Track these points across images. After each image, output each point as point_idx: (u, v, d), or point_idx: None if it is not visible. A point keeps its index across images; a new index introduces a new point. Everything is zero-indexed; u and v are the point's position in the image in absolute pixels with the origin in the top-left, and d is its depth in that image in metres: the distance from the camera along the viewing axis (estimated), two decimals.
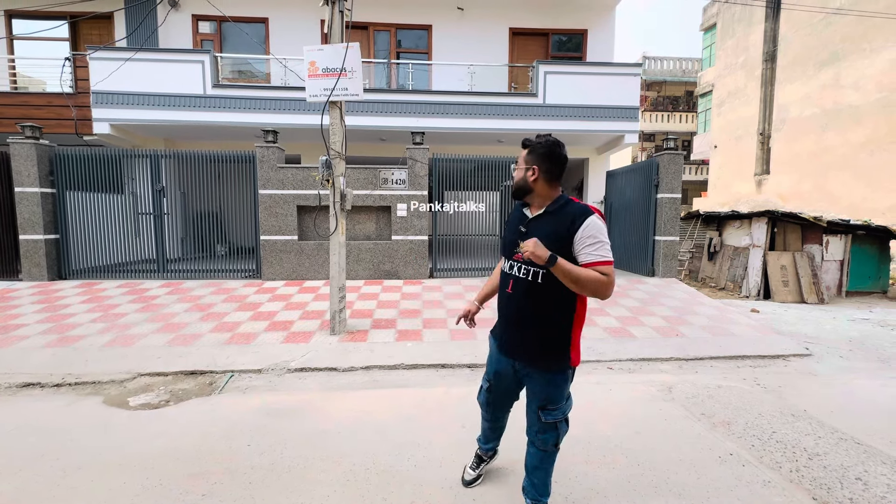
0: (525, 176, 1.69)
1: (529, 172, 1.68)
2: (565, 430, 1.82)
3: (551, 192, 1.70)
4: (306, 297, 6.06)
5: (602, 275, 1.52)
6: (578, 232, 1.56)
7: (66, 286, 6.43)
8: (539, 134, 1.74)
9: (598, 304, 5.92)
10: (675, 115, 24.31)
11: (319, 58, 4.49)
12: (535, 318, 1.70)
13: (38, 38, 8.78)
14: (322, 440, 2.68)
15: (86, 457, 2.50)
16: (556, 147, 1.68)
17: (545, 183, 1.68)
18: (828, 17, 12.45)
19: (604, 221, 1.61)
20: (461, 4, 9.08)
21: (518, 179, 1.73)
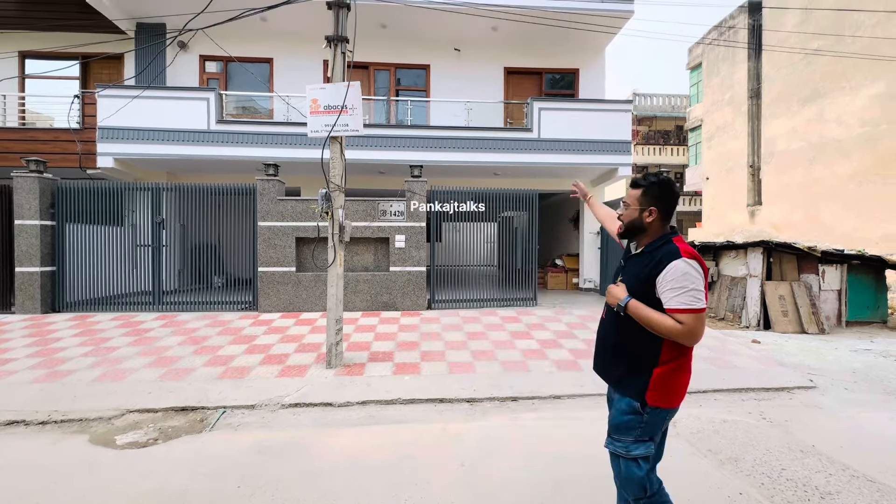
0: (640, 217, 1.66)
1: (646, 213, 1.65)
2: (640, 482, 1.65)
3: (662, 231, 1.67)
4: (302, 330, 5.98)
5: (677, 322, 1.48)
6: (660, 276, 1.54)
7: (59, 319, 6.34)
8: (647, 173, 1.71)
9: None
10: (667, 148, 24.98)
11: (321, 95, 4.65)
12: (617, 345, 1.72)
13: (50, 77, 9.09)
14: (315, 480, 2.58)
15: (68, 499, 2.39)
16: (672, 186, 1.66)
17: (661, 223, 1.66)
18: (807, 57, 13.05)
19: (696, 266, 1.52)
20: (458, 46, 9.50)
21: (631, 219, 1.70)
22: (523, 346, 5.43)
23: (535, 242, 7.69)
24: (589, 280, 9.97)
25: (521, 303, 7.62)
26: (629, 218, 1.71)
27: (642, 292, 1.59)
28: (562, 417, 3.59)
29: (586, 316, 6.89)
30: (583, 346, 5.44)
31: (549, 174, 9.50)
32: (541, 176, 9.64)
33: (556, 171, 9.22)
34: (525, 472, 2.65)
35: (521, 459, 2.81)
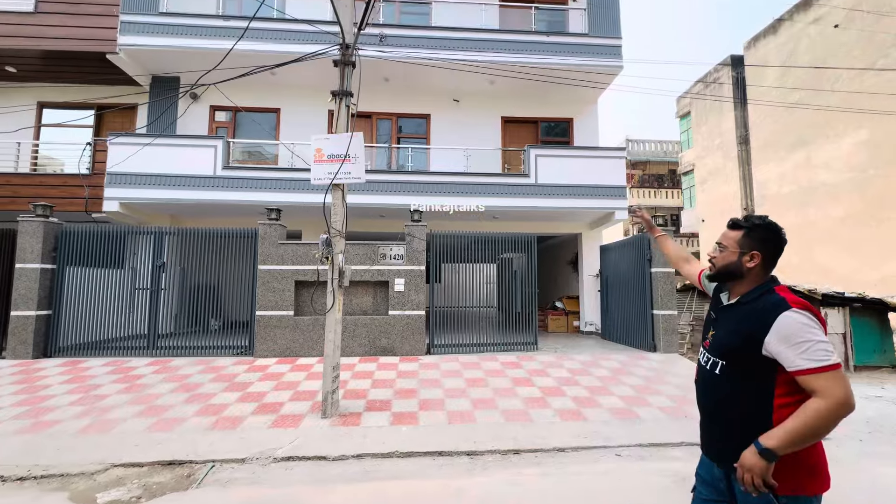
0: (739, 261, 1.48)
1: (747, 258, 1.47)
2: None
3: (763, 279, 1.48)
4: (298, 376, 5.84)
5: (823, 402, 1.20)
6: (770, 335, 1.30)
7: (50, 365, 6.20)
8: (750, 215, 1.61)
9: (601, 382, 5.73)
10: (662, 191, 25.55)
11: (325, 145, 4.83)
12: (719, 414, 1.48)
13: (65, 125, 9.45)
14: None
15: None
16: (781, 232, 1.49)
17: (762, 270, 1.48)
18: (791, 107, 13.68)
19: (811, 316, 1.30)
20: (457, 97, 9.98)
21: (727, 263, 1.52)
22: (525, 393, 5.28)
23: (534, 286, 7.68)
24: (590, 323, 9.86)
25: (521, 347, 7.49)
26: (725, 262, 1.52)
27: (743, 353, 1.37)
28: (565, 473, 3.43)
29: (588, 361, 6.76)
30: (585, 393, 5.30)
31: (546, 218, 9.66)
32: (539, 220, 9.81)
33: (553, 215, 9.38)
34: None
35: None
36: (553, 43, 8.99)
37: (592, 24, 9.16)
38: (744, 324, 1.40)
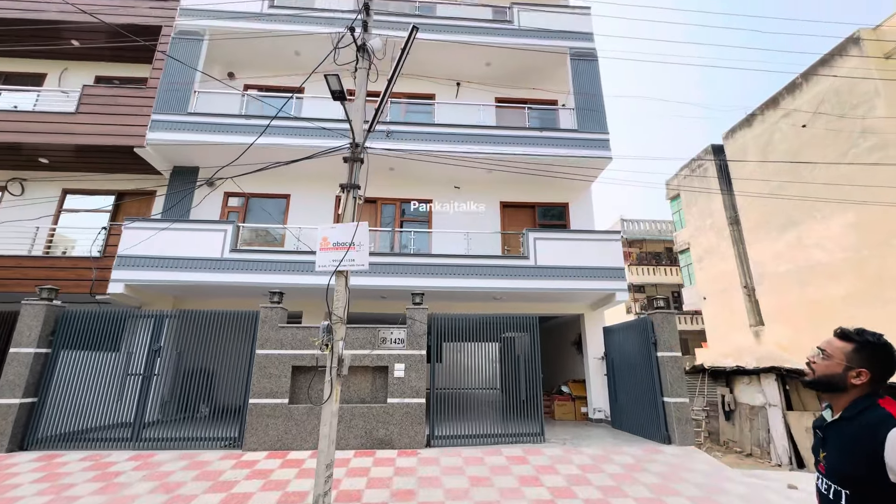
0: (844, 375, 1.40)
1: (853, 373, 1.39)
2: None
3: (864, 392, 1.40)
4: (289, 474, 5.42)
5: None
6: (887, 450, 1.20)
7: (24, 460, 5.80)
8: (863, 329, 1.47)
9: (614, 481, 5.30)
10: (660, 268, 25.85)
11: (331, 234, 5.02)
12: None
13: (86, 210, 9.93)
14: None
15: None
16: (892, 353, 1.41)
17: (868, 388, 1.39)
18: (776, 191, 14.37)
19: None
20: (457, 184, 10.58)
21: (830, 374, 1.44)
22: (533, 495, 4.86)
23: (538, 370, 7.45)
24: (598, 409, 9.37)
25: (527, 439, 7.04)
26: (826, 371, 1.44)
27: (865, 474, 1.24)
28: None
29: (600, 456, 6.31)
30: (598, 495, 4.87)
31: (547, 299, 9.68)
32: (540, 301, 9.82)
33: (554, 296, 9.42)
34: None
35: None
36: (545, 137, 9.77)
37: (581, 121, 10.02)
38: (856, 445, 1.29)
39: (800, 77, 13.74)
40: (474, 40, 10.36)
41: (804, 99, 13.45)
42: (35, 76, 10.61)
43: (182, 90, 9.40)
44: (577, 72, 10.41)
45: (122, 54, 10.23)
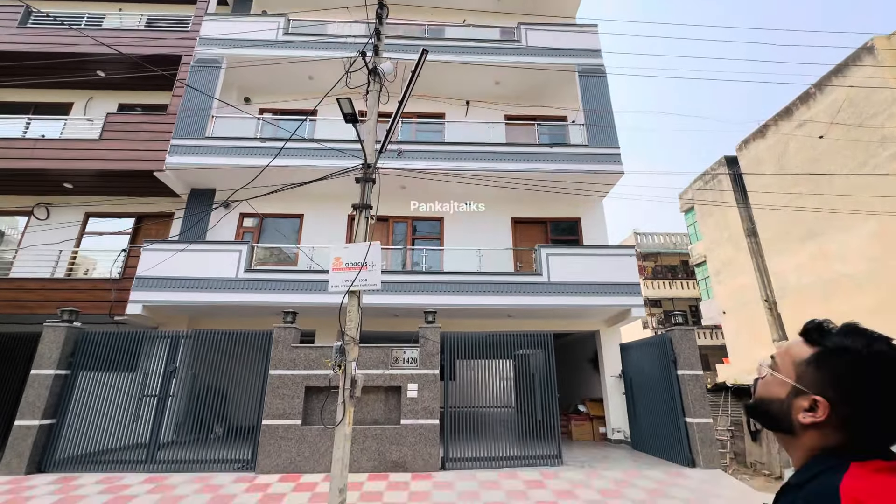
0: (788, 404, 0.82)
1: (802, 402, 0.80)
2: None
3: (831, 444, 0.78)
4: (301, 498, 5.34)
5: None
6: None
7: (41, 482, 5.83)
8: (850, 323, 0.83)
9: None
10: (676, 282, 25.34)
11: (344, 254, 5.05)
12: None
13: (107, 233, 10.21)
14: None
15: None
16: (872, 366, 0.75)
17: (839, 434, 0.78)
18: (793, 202, 14.06)
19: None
20: (468, 201, 10.61)
21: (766, 398, 0.88)
22: None
23: (554, 389, 7.28)
24: (617, 430, 9.08)
25: (544, 461, 6.84)
26: (765, 392, 0.88)
27: None
28: None
29: (621, 480, 6.08)
30: None
31: (561, 315, 9.53)
32: (554, 317, 9.67)
33: (568, 313, 9.26)
34: None
35: None
36: (556, 153, 9.79)
37: (591, 137, 10.01)
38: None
39: (813, 87, 13.58)
40: (483, 60, 10.53)
41: (819, 108, 13.26)
42: (62, 105, 11.08)
43: (200, 116, 9.70)
44: (585, 88, 10.46)
45: (144, 83, 10.64)
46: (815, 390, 0.78)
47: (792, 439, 0.83)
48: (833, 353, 0.79)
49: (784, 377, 0.83)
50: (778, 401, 0.83)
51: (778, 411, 0.83)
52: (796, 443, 0.82)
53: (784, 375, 0.83)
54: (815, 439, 0.79)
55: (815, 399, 0.77)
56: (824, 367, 0.79)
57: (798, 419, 0.80)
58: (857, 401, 0.75)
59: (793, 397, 0.81)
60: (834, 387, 0.77)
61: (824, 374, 0.78)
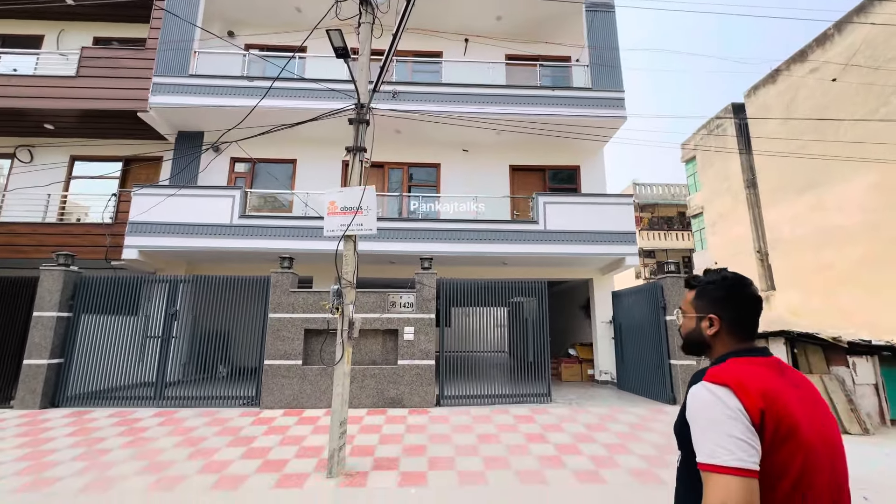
0: (698, 327, 1.23)
1: (705, 323, 1.21)
2: None
3: (733, 348, 1.18)
4: (304, 430, 5.67)
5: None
6: (687, 406, 1.09)
7: (56, 416, 6.14)
8: (709, 268, 1.32)
9: (619, 439, 5.45)
10: (672, 233, 25.47)
11: (339, 198, 4.98)
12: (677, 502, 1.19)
13: (94, 177, 9.95)
14: None
15: None
16: (743, 287, 1.20)
17: (729, 336, 1.19)
18: (796, 149, 13.81)
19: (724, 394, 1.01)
20: (466, 147, 10.33)
21: (688, 331, 1.27)
22: (539, 451, 5.03)
23: (546, 333, 7.53)
24: (605, 372, 9.53)
25: (534, 399, 7.23)
26: (686, 330, 1.28)
27: (682, 433, 1.11)
28: None
29: (605, 415, 6.47)
30: (603, 452, 5.02)
31: (556, 263, 9.65)
32: (549, 265, 9.79)
33: (563, 261, 9.37)
34: None
35: None
36: (558, 97, 9.39)
37: (595, 79, 9.57)
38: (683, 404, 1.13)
39: (832, 28, 12.84)
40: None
41: (835, 51, 12.63)
42: (32, 38, 10.36)
43: (182, 51, 9.12)
44: (592, 24, 9.84)
45: (119, 13, 9.88)
46: (706, 312, 1.22)
47: (707, 353, 1.26)
48: (705, 287, 1.26)
49: (690, 314, 1.27)
50: (695, 331, 1.26)
51: (697, 338, 1.26)
52: (713, 357, 1.23)
53: (690, 313, 1.28)
54: (719, 348, 1.21)
55: (710, 317, 1.21)
56: (704, 296, 1.25)
57: (706, 335, 1.22)
58: (725, 308, 1.20)
59: (699, 323, 1.24)
60: (713, 305, 1.22)
61: (706, 300, 1.24)
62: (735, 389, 1.00)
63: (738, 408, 0.98)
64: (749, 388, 1.00)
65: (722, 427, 0.97)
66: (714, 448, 0.97)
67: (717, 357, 1.19)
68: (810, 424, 1.00)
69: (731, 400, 0.99)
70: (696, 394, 1.06)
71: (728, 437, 0.96)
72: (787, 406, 0.99)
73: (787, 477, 0.96)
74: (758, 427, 0.97)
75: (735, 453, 0.94)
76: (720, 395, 1.01)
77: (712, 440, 0.98)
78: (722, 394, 1.01)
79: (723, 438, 0.96)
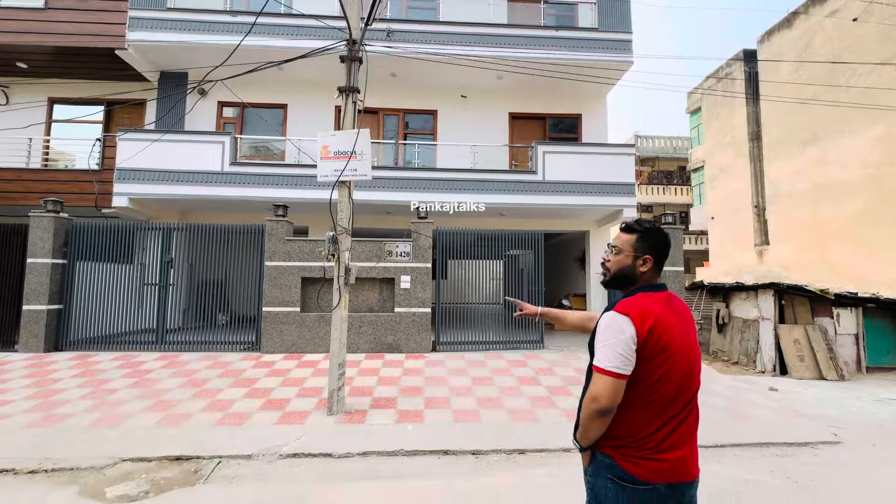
0: (633, 265, 1.49)
1: (640, 262, 1.48)
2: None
3: (652, 282, 1.50)
4: (304, 373, 5.86)
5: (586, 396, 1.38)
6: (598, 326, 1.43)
7: (61, 359, 6.29)
8: (641, 219, 1.59)
9: None
10: (671, 188, 25.25)
11: (332, 142, 4.80)
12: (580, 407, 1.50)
13: (76, 121, 9.53)
14: None
15: None
16: (668, 237, 1.53)
17: (653, 273, 1.49)
18: (804, 103, 13.39)
19: (624, 322, 1.34)
20: (464, 93, 9.89)
21: (622, 267, 1.51)
22: (531, 392, 5.26)
23: (541, 283, 7.63)
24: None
25: (527, 345, 7.46)
26: (619, 266, 1.51)
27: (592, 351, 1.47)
28: (571, 474, 3.40)
29: None
30: None
31: (554, 215, 9.58)
32: (546, 217, 9.73)
33: (560, 213, 9.30)
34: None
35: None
36: (562, 38, 8.86)
37: (602, 19, 9.00)
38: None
39: None
40: None
41: None
42: None
43: None
44: None
45: None
46: (644, 254, 1.50)
47: (632, 286, 1.51)
48: (646, 232, 1.52)
49: (629, 253, 1.51)
50: (628, 267, 1.51)
51: (629, 273, 1.51)
52: (636, 286, 1.50)
53: (627, 252, 1.52)
54: (641, 282, 1.50)
55: (646, 257, 1.49)
56: (644, 240, 1.51)
57: (640, 271, 1.50)
58: (657, 251, 1.50)
59: (635, 261, 1.50)
60: (650, 248, 1.50)
61: (646, 243, 1.50)
62: (633, 319, 1.35)
63: (630, 334, 1.33)
64: (643, 318, 1.35)
65: (615, 345, 1.34)
66: (604, 357, 1.35)
67: (631, 290, 1.49)
68: (681, 343, 1.38)
69: (629, 328, 1.34)
70: (607, 318, 1.40)
71: (616, 352, 1.33)
72: (668, 329, 1.36)
73: (656, 374, 1.35)
74: (641, 344, 1.34)
75: (614, 362, 1.33)
76: (621, 322, 1.36)
77: (605, 351, 1.35)
78: (623, 322, 1.36)
79: (612, 352, 1.33)
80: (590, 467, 1.47)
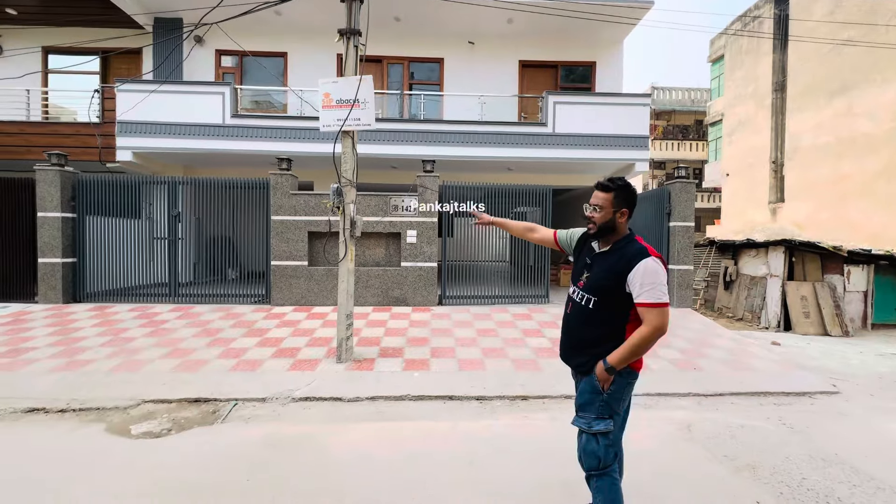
0: (614, 217, 1.84)
1: (619, 214, 1.83)
2: (595, 454, 1.83)
3: (626, 230, 1.89)
4: (314, 324, 6.02)
5: (647, 328, 1.71)
6: (632, 273, 1.74)
7: (80, 309, 6.50)
8: (612, 178, 1.89)
9: None
10: (686, 143, 24.38)
11: (333, 90, 4.63)
12: (583, 332, 1.90)
13: (71, 71, 9.28)
14: (324, 475, 2.58)
15: (85, 487, 2.44)
16: (635, 190, 1.89)
17: (626, 223, 1.88)
18: (836, 48, 12.52)
19: (661, 265, 1.75)
20: (472, 39, 9.38)
21: (605, 221, 1.85)
22: (535, 344, 5.37)
23: None
24: None
25: (533, 300, 7.54)
26: (604, 219, 1.85)
27: (614, 285, 1.79)
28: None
29: None
30: None
31: (563, 170, 9.36)
32: (555, 171, 9.51)
33: (570, 167, 9.06)
34: (534, 473, 2.61)
35: (531, 460, 2.78)
36: None
37: None
38: (617, 264, 1.79)
39: None
40: None
41: None
42: None
43: None
44: None
45: None
46: (621, 208, 1.84)
47: (611, 235, 1.87)
48: (620, 188, 1.84)
49: (609, 209, 1.84)
50: (611, 220, 1.85)
51: (612, 226, 1.85)
52: (614, 236, 1.87)
53: (608, 208, 1.83)
54: (621, 231, 1.87)
55: (623, 210, 1.84)
56: (620, 196, 1.84)
57: (619, 222, 1.85)
58: (631, 205, 1.85)
59: (616, 213, 1.84)
60: (625, 202, 1.84)
61: (621, 199, 1.84)
62: (662, 261, 1.78)
63: (665, 272, 1.77)
64: (664, 260, 1.89)
65: (663, 284, 1.74)
66: (661, 293, 1.72)
67: (624, 237, 1.86)
68: None
69: (662, 269, 1.76)
70: (650, 264, 1.74)
71: (665, 289, 1.74)
72: None
73: None
74: None
75: (667, 296, 1.74)
76: (657, 266, 1.75)
77: (661, 289, 1.72)
78: (659, 265, 1.75)
79: (664, 289, 1.74)
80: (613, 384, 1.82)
